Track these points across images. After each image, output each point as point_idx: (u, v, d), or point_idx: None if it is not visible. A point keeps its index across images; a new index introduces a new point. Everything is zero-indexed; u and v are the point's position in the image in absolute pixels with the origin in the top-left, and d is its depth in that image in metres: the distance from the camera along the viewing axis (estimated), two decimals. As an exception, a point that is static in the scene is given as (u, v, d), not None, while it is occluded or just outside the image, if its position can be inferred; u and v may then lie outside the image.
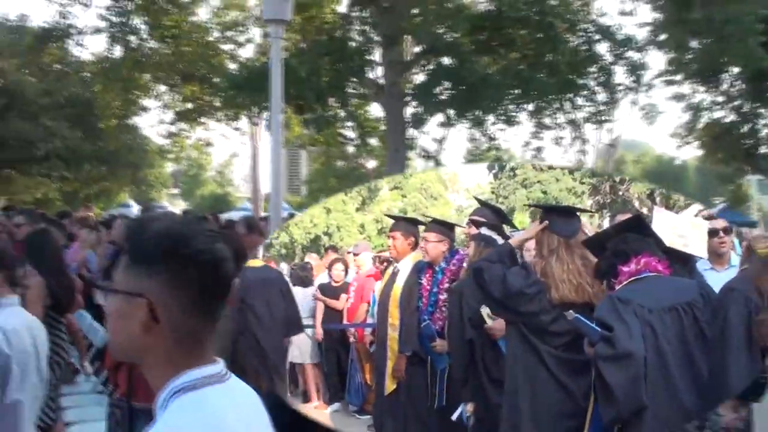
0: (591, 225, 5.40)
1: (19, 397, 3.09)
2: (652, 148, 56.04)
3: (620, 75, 17.41)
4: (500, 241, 4.80)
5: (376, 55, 17.57)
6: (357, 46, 17.20)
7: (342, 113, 18.67)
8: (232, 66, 20.17)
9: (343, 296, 7.13)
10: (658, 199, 10.15)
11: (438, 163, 19.45)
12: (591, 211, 5.65)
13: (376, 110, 20.36)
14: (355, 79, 17.72)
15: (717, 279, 4.25)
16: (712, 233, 4.72)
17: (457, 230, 5.96)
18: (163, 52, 19.36)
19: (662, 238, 3.95)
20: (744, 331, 3.46)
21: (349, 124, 19.38)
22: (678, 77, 20.97)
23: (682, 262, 4.04)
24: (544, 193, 10.32)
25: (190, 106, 21.48)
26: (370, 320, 6.12)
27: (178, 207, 31.98)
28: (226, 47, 20.77)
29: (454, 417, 5.00)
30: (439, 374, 5.48)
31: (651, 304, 3.45)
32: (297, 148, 23.04)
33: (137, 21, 18.86)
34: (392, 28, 16.05)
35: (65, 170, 25.00)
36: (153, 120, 29.05)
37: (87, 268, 9.16)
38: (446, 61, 16.92)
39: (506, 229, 5.84)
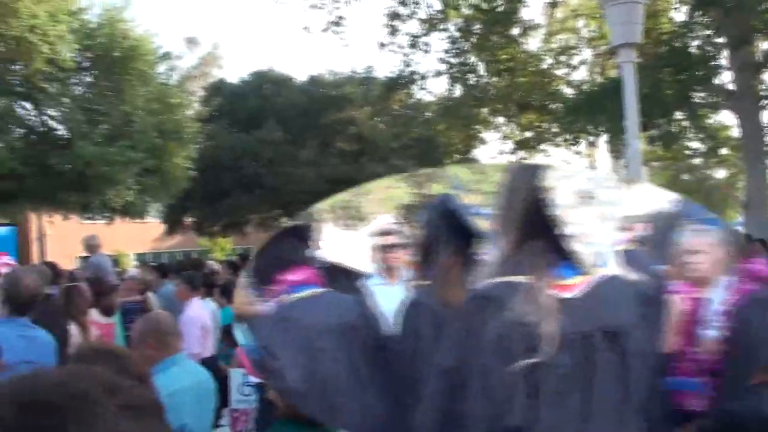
0: None
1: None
2: None
3: None
4: None
5: (723, 60, 16.43)
6: (700, 53, 16.21)
7: (689, 125, 17.68)
8: (567, 90, 20.13)
9: None
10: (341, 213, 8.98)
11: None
12: None
13: (725, 118, 19.07)
14: (700, 88, 16.72)
15: (390, 293, 4.32)
16: (385, 248, 4.72)
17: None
18: (499, 85, 19.93)
19: (327, 253, 4.10)
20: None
21: (699, 135, 18.29)
22: None
23: (347, 276, 4.12)
24: None
25: (528, 134, 21.82)
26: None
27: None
28: (559, 72, 20.80)
29: None
30: None
31: (316, 323, 3.50)
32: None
33: (474, 59, 19.65)
34: (741, 28, 14.87)
35: (415, 206, 26.65)
36: (493, 152, 29.99)
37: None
38: (807, 54, 15.32)
39: None
